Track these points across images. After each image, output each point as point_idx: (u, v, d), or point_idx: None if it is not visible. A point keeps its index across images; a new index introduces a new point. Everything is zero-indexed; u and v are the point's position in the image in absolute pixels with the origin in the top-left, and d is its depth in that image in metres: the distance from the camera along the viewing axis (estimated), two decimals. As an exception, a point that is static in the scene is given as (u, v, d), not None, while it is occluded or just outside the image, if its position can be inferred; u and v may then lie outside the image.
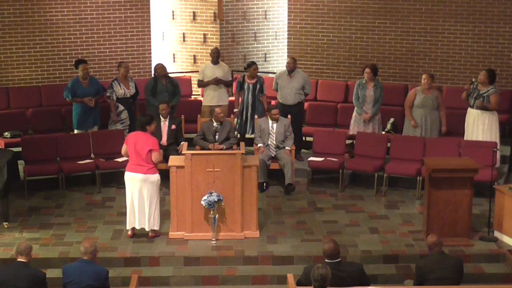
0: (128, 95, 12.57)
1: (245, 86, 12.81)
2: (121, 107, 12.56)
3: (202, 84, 13.14)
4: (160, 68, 12.75)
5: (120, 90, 12.52)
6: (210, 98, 13.03)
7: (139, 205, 9.97)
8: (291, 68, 12.66)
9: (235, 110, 12.90)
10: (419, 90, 12.13)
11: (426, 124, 12.06)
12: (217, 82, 12.95)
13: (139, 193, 9.95)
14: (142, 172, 9.90)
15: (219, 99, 12.96)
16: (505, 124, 12.94)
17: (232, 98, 13.28)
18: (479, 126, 11.74)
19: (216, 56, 13.08)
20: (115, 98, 12.52)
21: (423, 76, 12.13)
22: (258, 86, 12.79)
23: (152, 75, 13.08)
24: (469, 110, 11.89)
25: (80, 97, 12.38)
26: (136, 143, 9.94)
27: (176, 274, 9.49)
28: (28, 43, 13.76)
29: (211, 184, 10.02)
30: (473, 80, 11.87)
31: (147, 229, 10.09)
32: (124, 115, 12.57)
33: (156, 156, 9.97)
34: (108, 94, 12.54)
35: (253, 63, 12.91)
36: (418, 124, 12.07)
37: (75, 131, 12.57)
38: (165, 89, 12.61)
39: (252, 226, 10.19)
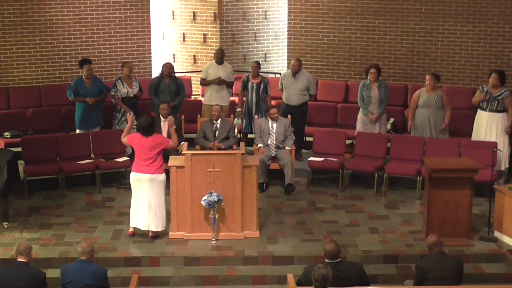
0: (131, 95, 12.58)
1: (249, 86, 12.81)
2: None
3: (204, 82, 13.12)
4: (166, 67, 12.74)
5: (123, 89, 12.54)
6: (211, 97, 13.01)
7: (149, 206, 9.97)
8: (296, 70, 12.63)
9: (238, 109, 12.89)
10: (423, 90, 12.10)
11: (430, 124, 12.03)
12: (219, 82, 12.93)
13: (147, 193, 9.94)
14: (149, 172, 9.91)
15: (219, 99, 12.94)
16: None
17: (233, 99, 13.28)
18: (493, 128, 11.71)
19: (220, 57, 13.05)
20: (120, 97, 12.53)
21: (427, 76, 12.08)
22: (262, 86, 12.79)
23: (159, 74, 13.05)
24: (481, 112, 11.83)
25: (82, 96, 12.39)
26: (142, 146, 9.91)
27: (176, 274, 9.49)
28: (28, 43, 13.77)
29: (211, 184, 10.02)
30: (484, 86, 11.83)
31: (156, 229, 10.09)
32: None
33: (171, 145, 10.13)
34: (112, 93, 12.56)
35: (254, 62, 12.93)
36: (422, 124, 12.03)
37: (77, 131, 12.57)
38: (167, 89, 12.62)
39: (252, 226, 10.19)
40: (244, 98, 12.92)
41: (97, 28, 14.16)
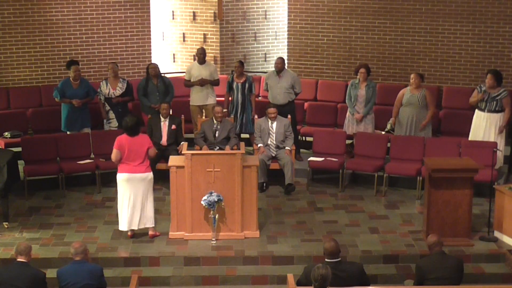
0: (113, 96, 12.54)
1: (234, 86, 12.81)
2: (107, 107, 12.57)
3: (187, 84, 13.10)
4: (151, 68, 12.73)
5: (106, 90, 12.55)
6: (197, 97, 13.01)
7: (141, 205, 9.97)
8: (280, 68, 12.64)
9: (224, 110, 12.87)
10: (408, 89, 12.16)
11: (412, 122, 12.06)
12: (202, 83, 12.90)
13: (139, 193, 9.94)
14: (141, 172, 9.91)
15: (205, 99, 12.96)
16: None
17: (221, 99, 13.25)
18: (492, 129, 11.71)
19: (202, 56, 13.02)
20: (102, 98, 12.54)
21: (412, 75, 12.16)
22: (247, 85, 12.79)
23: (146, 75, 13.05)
24: (479, 113, 11.82)
25: (69, 98, 12.37)
26: (132, 145, 9.91)
27: (176, 274, 9.49)
28: (28, 43, 13.77)
29: (211, 184, 10.02)
30: (482, 85, 11.83)
31: (149, 226, 10.10)
32: (111, 115, 12.56)
33: (152, 151, 10.06)
34: (97, 94, 12.59)
35: (237, 61, 12.93)
36: (406, 122, 12.07)
37: (67, 133, 12.55)
38: (156, 89, 12.60)
39: (252, 226, 10.19)
40: (230, 98, 12.92)
41: (97, 28, 14.16)
